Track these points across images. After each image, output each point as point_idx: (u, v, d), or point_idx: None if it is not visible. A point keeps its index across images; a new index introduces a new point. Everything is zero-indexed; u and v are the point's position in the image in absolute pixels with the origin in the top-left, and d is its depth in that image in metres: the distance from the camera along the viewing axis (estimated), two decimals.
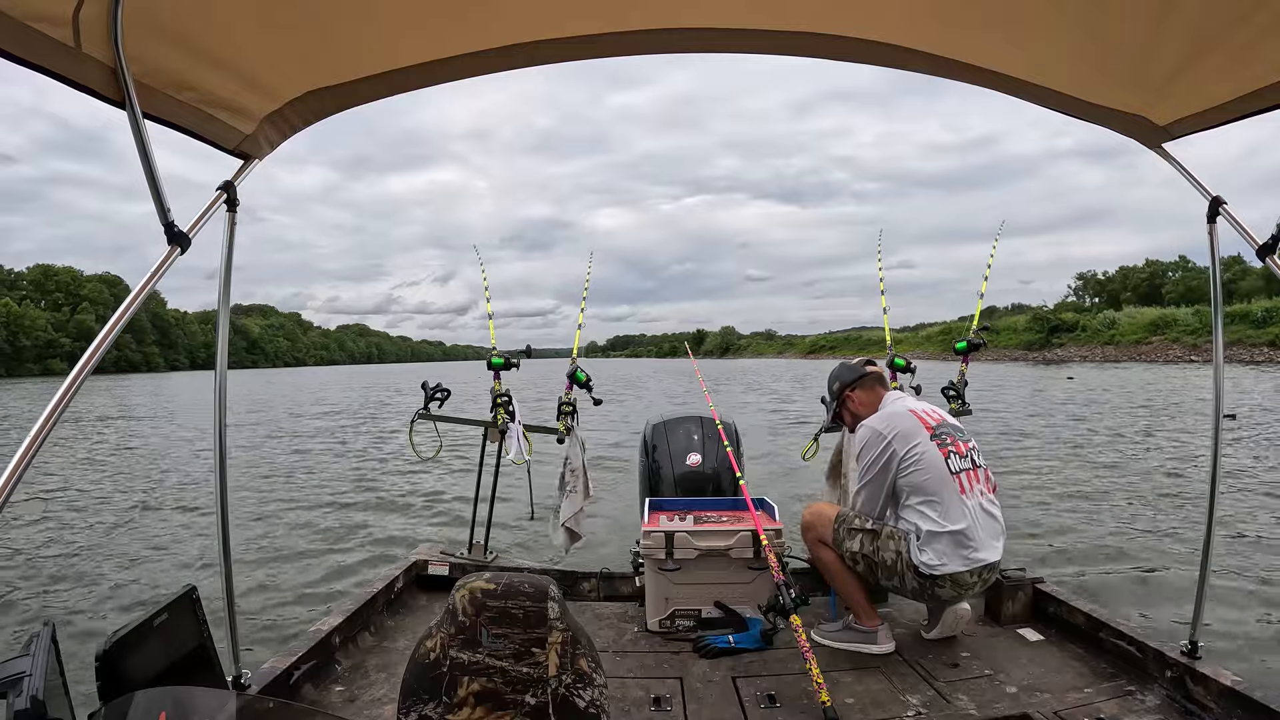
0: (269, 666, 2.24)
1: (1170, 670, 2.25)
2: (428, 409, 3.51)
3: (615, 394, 25.93)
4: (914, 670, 2.50)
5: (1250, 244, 1.86)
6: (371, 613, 2.88)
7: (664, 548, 2.84)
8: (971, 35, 1.85)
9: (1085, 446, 10.88)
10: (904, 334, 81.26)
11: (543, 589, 0.86)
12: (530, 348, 3.89)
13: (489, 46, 1.85)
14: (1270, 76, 1.68)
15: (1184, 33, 1.66)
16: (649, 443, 3.67)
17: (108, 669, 1.26)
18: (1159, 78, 1.87)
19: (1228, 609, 4.25)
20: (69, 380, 1.29)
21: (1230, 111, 1.87)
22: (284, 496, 8.49)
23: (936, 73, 1.97)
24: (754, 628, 2.77)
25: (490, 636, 0.82)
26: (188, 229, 1.60)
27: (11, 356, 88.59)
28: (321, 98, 1.92)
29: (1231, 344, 39.55)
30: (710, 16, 1.82)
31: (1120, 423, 13.76)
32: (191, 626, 1.57)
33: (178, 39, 1.51)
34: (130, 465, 11.21)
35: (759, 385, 31.47)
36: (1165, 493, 7.47)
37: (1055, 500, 7.26)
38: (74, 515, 7.64)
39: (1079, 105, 2.06)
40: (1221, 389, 2.27)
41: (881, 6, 1.78)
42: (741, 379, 38.44)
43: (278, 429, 16.87)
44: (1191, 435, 11.64)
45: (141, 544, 6.41)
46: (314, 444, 13.73)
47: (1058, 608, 2.81)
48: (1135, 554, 5.45)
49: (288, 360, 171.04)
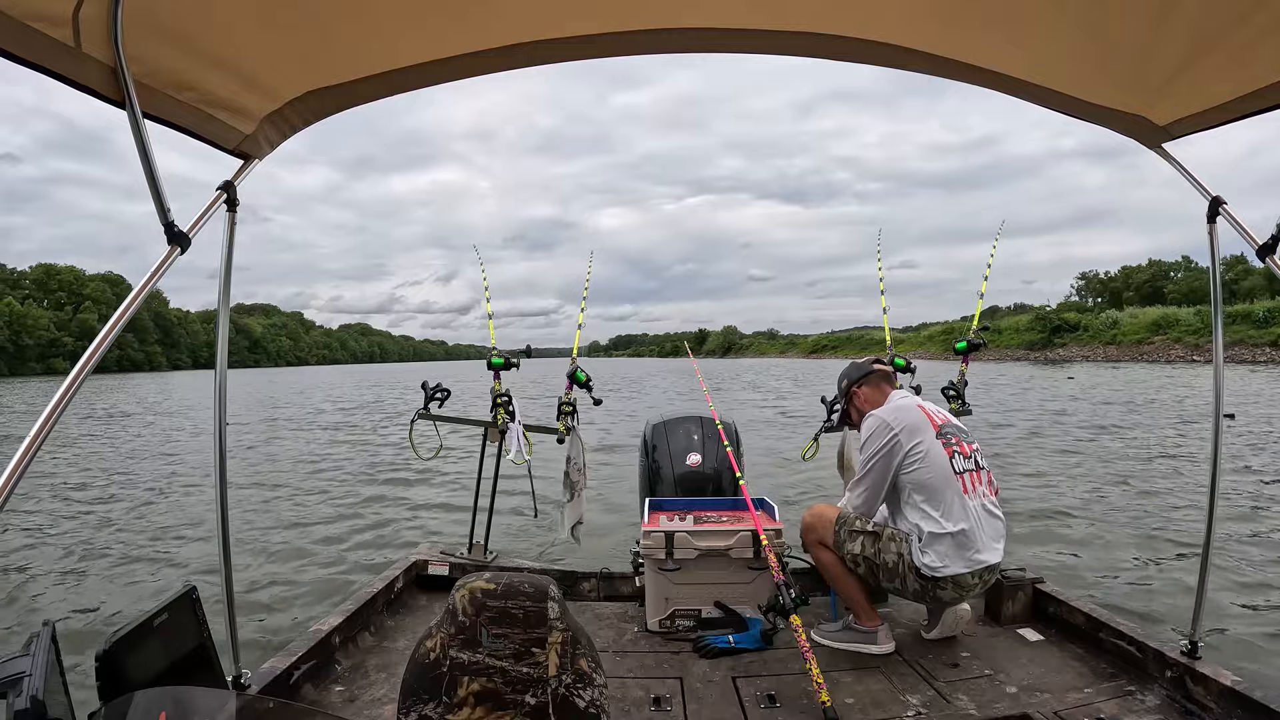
0: (269, 666, 2.24)
1: (1170, 670, 2.25)
2: (427, 409, 3.51)
3: (618, 391, 25.96)
4: (914, 670, 2.50)
5: (1250, 244, 1.86)
6: (371, 613, 2.88)
7: (664, 548, 2.84)
8: (971, 35, 1.85)
9: (1084, 445, 10.87)
10: (906, 334, 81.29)
11: (543, 589, 0.86)
12: (530, 348, 3.89)
13: (489, 46, 1.85)
14: (1270, 76, 1.68)
15: (1184, 33, 1.66)
16: (649, 443, 3.67)
17: (108, 669, 1.26)
18: (1159, 78, 1.87)
19: (1228, 609, 4.25)
20: (69, 379, 1.29)
21: (1230, 111, 1.87)
22: (285, 495, 8.49)
23: (936, 73, 1.97)
24: (754, 628, 2.77)
25: (490, 636, 0.82)
26: (188, 229, 1.60)
27: (14, 356, 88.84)
28: (321, 98, 1.93)
29: (1234, 344, 39.52)
30: (710, 16, 1.82)
31: (1119, 422, 13.75)
32: (191, 626, 1.57)
33: (178, 39, 1.51)
34: (130, 464, 11.24)
35: (760, 385, 31.46)
36: (1165, 492, 7.46)
37: (1054, 499, 7.26)
38: (74, 513, 7.66)
39: (1079, 105, 2.06)
40: (1221, 389, 2.27)
41: (881, 6, 1.78)
42: (742, 378, 38.44)
43: (277, 427, 16.90)
44: (1191, 435, 11.63)
45: (143, 542, 6.42)
46: (314, 442, 13.76)
47: (1058, 608, 2.81)
48: (1135, 554, 5.45)
49: (290, 360, 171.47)
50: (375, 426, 16.72)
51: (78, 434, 15.74)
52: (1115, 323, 53.98)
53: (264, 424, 17.86)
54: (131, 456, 12.27)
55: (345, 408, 23.38)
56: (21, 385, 54.18)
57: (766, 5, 1.77)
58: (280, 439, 14.57)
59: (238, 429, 15.79)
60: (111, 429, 17.34)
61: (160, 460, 11.71)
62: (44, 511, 7.79)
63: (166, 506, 7.98)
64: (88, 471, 10.58)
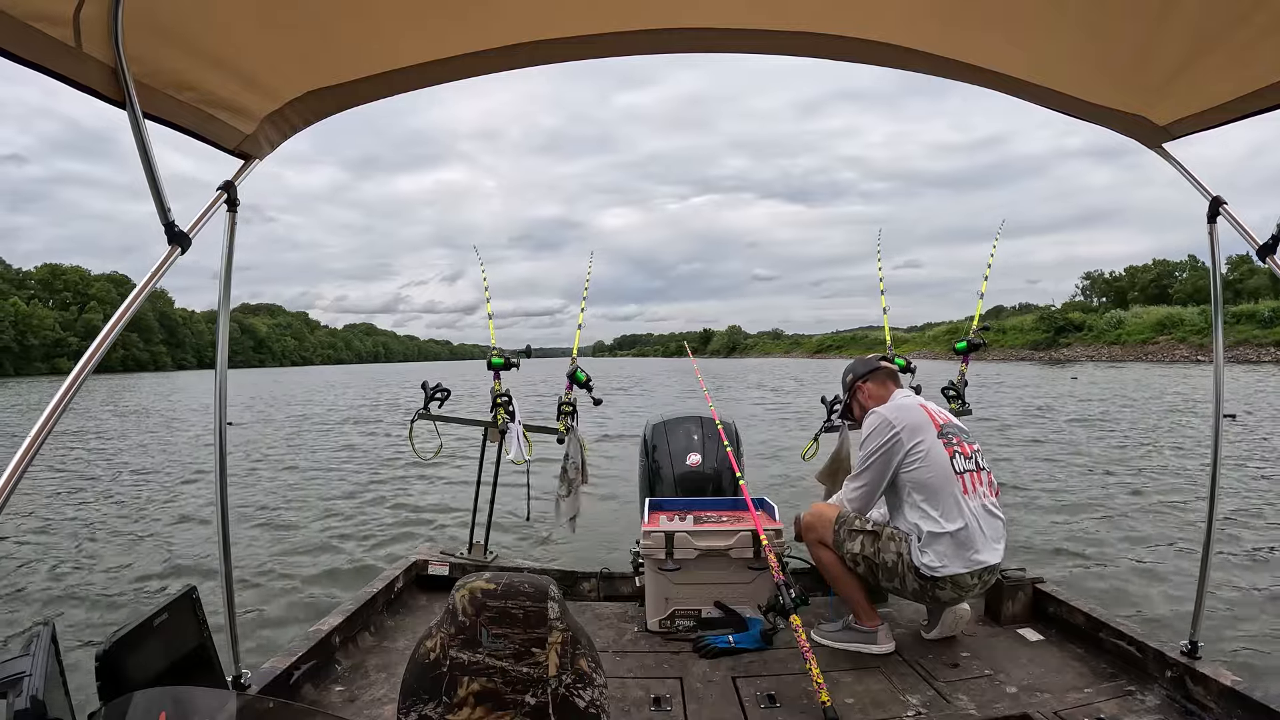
0: (269, 666, 2.25)
1: (1170, 670, 2.25)
2: (427, 409, 3.52)
3: (623, 390, 25.94)
4: (914, 670, 2.50)
5: (1250, 244, 1.85)
6: (371, 613, 2.89)
7: (664, 548, 2.84)
8: (972, 35, 1.85)
9: (1085, 445, 10.85)
10: (910, 334, 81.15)
11: (543, 589, 0.86)
12: (530, 348, 3.89)
13: (489, 46, 1.85)
14: (1270, 76, 1.68)
15: (1184, 33, 1.66)
16: (649, 442, 3.67)
17: (108, 669, 1.27)
18: (1159, 78, 1.87)
19: (1228, 609, 4.24)
20: (70, 379, 1.30)
21: (1230, 111, 1.86)
22: (285, 494, 8.52)
23: (937, 73, 1.97)
24: (754, 628, 2.77)
25: (490, 636, 0.82)
26: (188, 229, 1.61)
27: (20, 355, 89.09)
28: (322, 98, 1.93)
29: (1238, 344, 39.41)
30: (710, 16, 1.82)
31: (1121, 422, 13.72)
32: (191, 626, 1.58)
33: (178, 39, 1.51)
34: (134, 462, 11.27)
35: (764, 384, 31.44)
36: (1165, 492, 7.45)
37: (1055, 500, 7.25)
38: (75, 513, 7.69)
39: (1079, 105, 2.06)
40: (1222, 389, 2.27)
41: (882, 6, 1.78)
42: (747, 378, 38.41)
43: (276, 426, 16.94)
44: (1192, 434, 11.60)
45: (144, 543, 6.45)
46: (318, 440, 13.79)
47: (1058, 608, 2.80)
48: (1135, 554, 5.44)
49: (295, 359, 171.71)
50: (370, 424, 16.76)
51: (80, 429, 15.80)
52: (1120, 322, 53.87)
53: (266, 422, 17.92)
54: (135, 454, 12.31)
55: (338, 408, 23.42)
56: (30, 384, 54.36)
57: (766, 5, 1.77)
58: (282, 436, 14.62)
59: (243, 427, 15.82)
60: (117, 426, 17.40)
61: (163, 458, 11.74)
62: (45, 510, 7.83)
63: (169, 506, 8.01)
64: (90, 470, 10.62)
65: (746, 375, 43.90)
